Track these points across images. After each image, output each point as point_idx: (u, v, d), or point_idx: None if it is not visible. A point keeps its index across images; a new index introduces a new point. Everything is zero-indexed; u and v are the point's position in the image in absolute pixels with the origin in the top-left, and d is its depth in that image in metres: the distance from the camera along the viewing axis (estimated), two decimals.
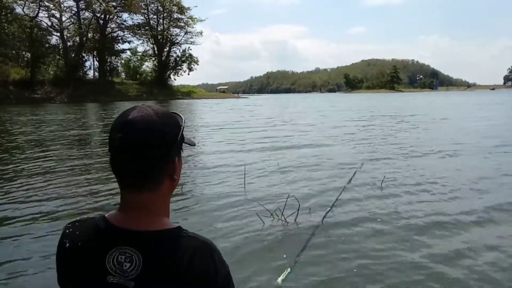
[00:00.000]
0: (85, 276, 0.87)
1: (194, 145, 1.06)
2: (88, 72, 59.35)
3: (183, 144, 0.98)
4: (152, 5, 63.97)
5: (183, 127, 0.95)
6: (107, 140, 0.89)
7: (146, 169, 0.87)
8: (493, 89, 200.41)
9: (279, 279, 3.26)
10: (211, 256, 0.88)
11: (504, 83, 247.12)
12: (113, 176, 0.91)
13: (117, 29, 61.21)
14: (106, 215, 0.92)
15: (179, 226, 0.91)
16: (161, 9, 63.62)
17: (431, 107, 34.84)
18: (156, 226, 0.88)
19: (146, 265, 0.84)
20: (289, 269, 3.41)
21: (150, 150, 0.86)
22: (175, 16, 64.45)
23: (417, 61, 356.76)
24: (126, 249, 0.85)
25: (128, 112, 0.89)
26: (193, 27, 64.65)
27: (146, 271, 0.83)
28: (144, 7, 62.49)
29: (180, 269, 0.84)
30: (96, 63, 59.18)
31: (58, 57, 53.96)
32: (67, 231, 0.92)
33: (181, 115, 0.98)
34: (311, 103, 50.88)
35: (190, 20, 63.95)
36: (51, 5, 51.20)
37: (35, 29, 48.54)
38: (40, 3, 49.29)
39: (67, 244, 0.90)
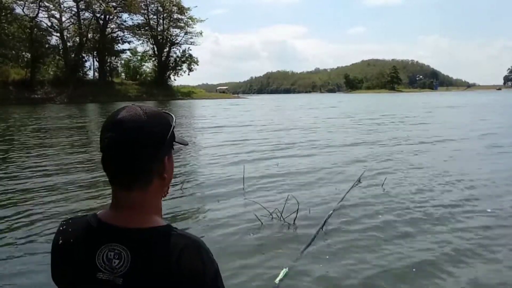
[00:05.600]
0: (76, 273, 0.89)
1: (187, 144, 1.06)
2: (88, 73, 59.54)
3: (175, 143, 0.98)
4: (152, 6, 64.13)
5: (174, 126, 0.96)
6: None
7: (134, 168, 0.88)
8: (499, 89, 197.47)
9: (277, 280, 3.26)
10: (200, 254, 0.89)
11: (504, 83, 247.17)
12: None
13: (117, 30, 61.35)
14: (97, 213, 0.94)
15: (169, 224, 0.93)
16: (161, 10, 63.70)
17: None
18: (145, 224, 0.90)
19: (135, 262, 0.85)
20: (286, 269, 3.41)
21: (138, 149, 0.87)
22: (175, 17, 64.56)
23: (417, 61, 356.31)
24: (115, 246, 0.87)
25: (118, 112, 0.91)
26: (193, 28, 64.87)
27: (135, 268, 0.85)
28: (144, 7, 62.54)
29: (169, 266, 0.85)
30: (96, 63, 59.31)
31: (58, 57, 53.95)
32: (61, 228, 0.95)
33: (172, 115, 0.99)
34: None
35: (190, 20, 64.13)
36: (51, 6, 51.27)
37: (35, 29, 48.50)
38: (40, 3, 49.30)
39: (60, 241, 0.93)
